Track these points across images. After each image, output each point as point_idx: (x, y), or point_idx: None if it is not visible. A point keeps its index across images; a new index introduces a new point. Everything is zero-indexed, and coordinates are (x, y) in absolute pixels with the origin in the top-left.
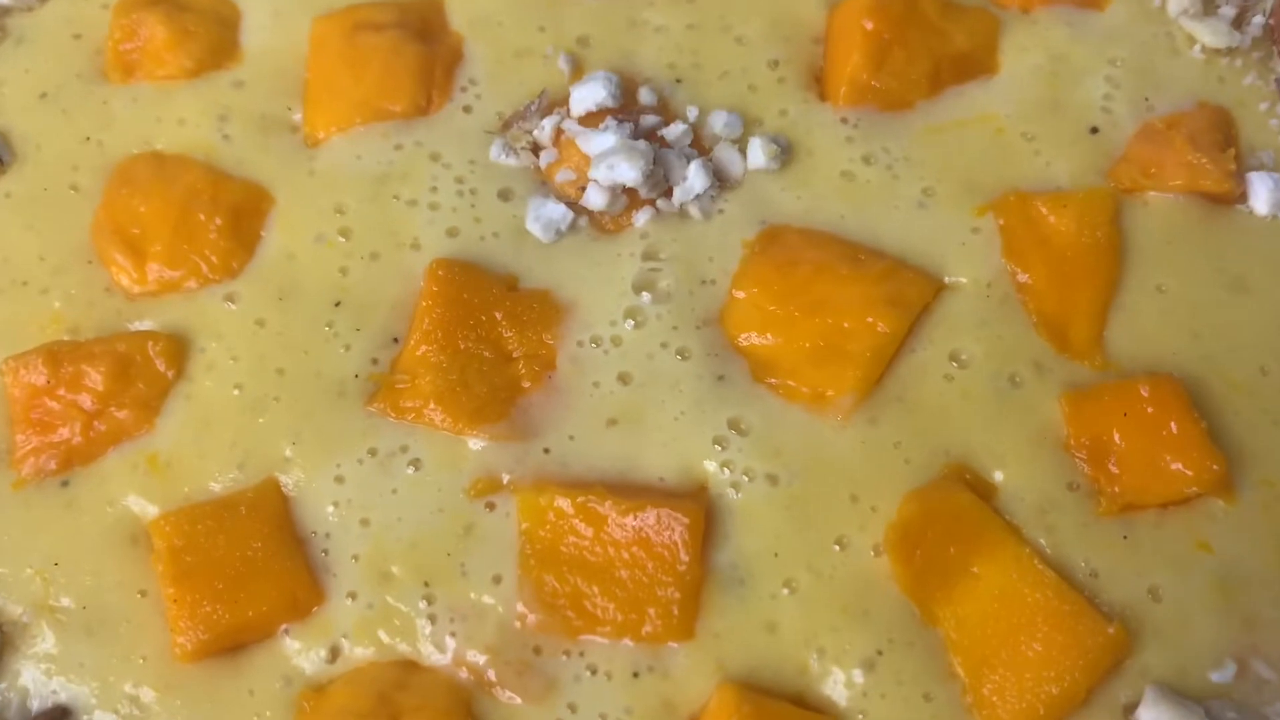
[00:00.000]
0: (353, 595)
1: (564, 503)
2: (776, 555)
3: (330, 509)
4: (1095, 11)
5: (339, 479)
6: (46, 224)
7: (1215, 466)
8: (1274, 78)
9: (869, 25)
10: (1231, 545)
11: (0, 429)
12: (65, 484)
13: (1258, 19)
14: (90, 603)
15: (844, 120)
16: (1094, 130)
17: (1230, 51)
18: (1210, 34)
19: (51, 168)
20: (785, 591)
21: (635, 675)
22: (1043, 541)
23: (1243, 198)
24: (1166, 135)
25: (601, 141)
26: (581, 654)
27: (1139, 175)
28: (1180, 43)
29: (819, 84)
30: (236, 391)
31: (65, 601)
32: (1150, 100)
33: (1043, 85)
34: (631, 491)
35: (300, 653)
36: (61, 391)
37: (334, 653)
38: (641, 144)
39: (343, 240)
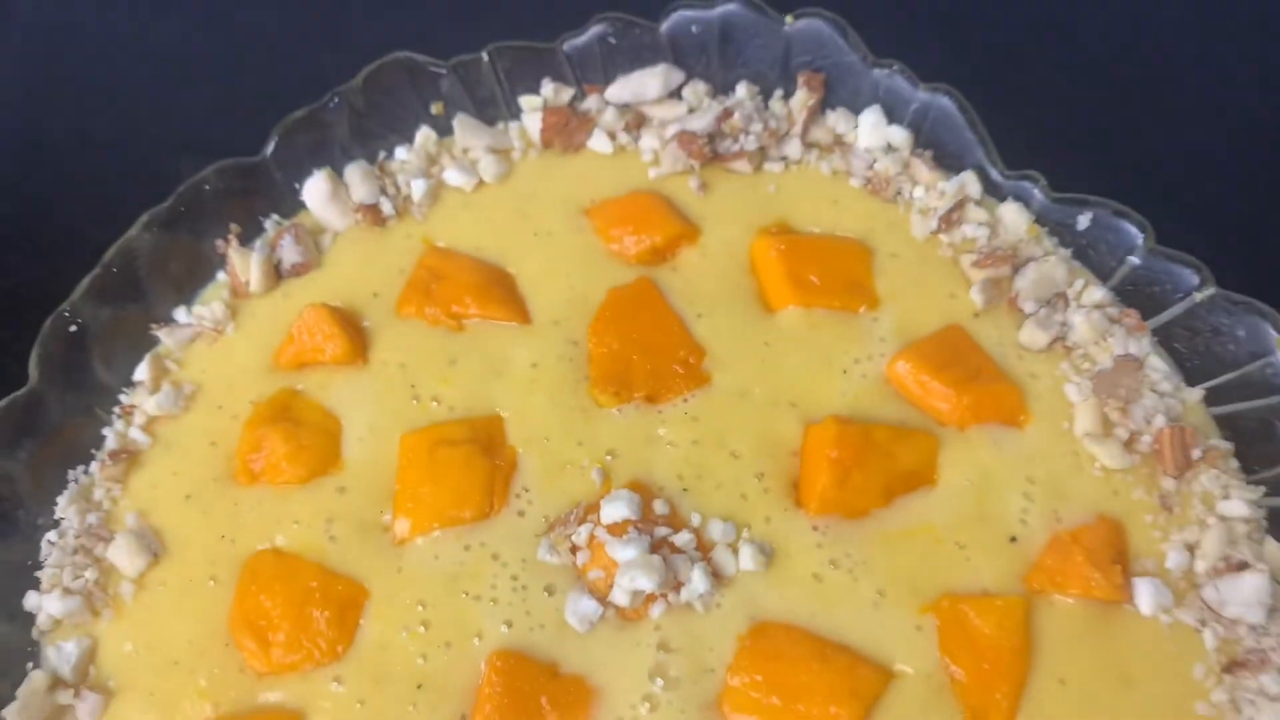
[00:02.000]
0: None
1: None
2: None
3: None
4: (1016, 430)
5: None
6: (192, 611)
7: None
8: (1158, 494)
9: (834, 454)
10: None
11: None
12: None
13: (1146, 438)
14: None
15: (815, 528)
16: (1013, 539)
17: (1123, 471)
18: (1107, 455)
19: (195, 562)
20: None
21: None
22: None
23: (1131, 599)
24: (1069, 548)
25: (625, 553)
26: None
27: (1047, 582)
28: (1084, 461)
29: (795, 490)
30: None
31: None
32: (1059, 513)
33: (972, 499)
34: None
35: None
36: None
37: None
38: (656, 559)
39: (423, 630)
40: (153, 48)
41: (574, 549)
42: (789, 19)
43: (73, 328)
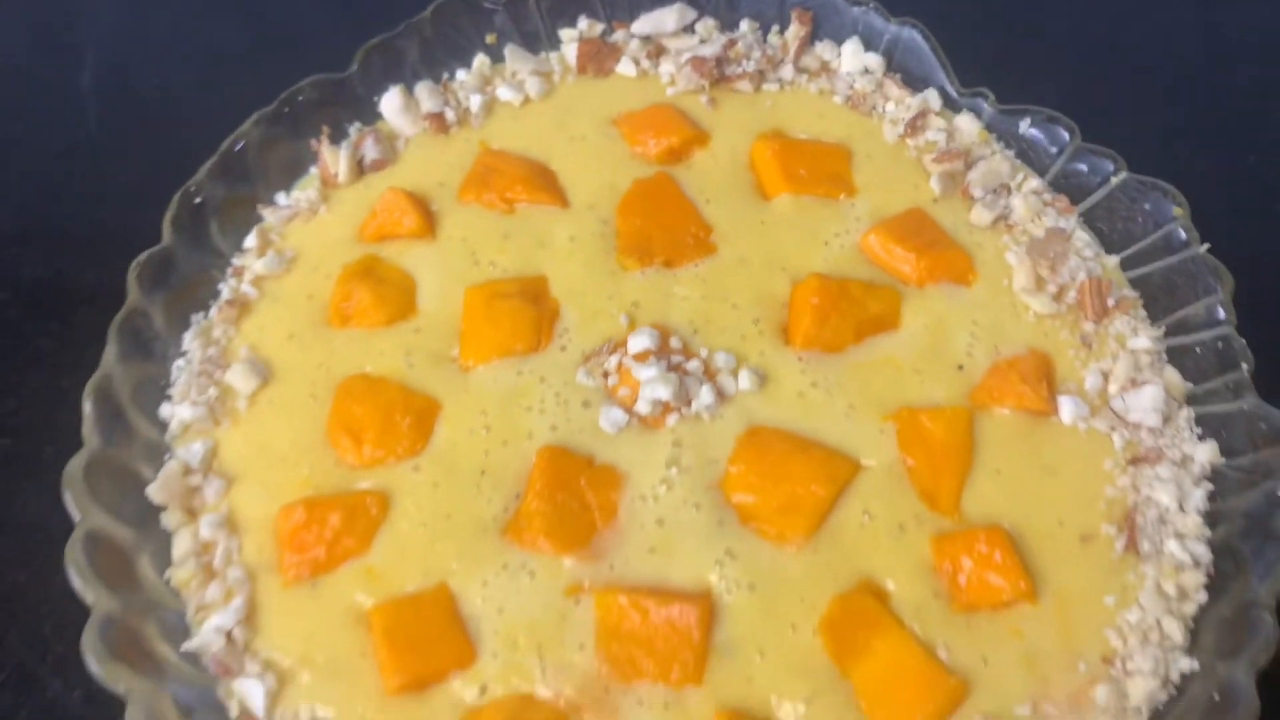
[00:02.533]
0: (494, 655)
1: (623, 599)
2: (753, 635)
3: (480, 601)
4: (965, 287)
5: (484, 583)
6: (296, 420)
7: (1022, 583)
8: (1079, 333)
9: (815, 301)
10: (1034, 631)
11: (272, 549)
12: (314, 586)
13: (1072, 294)
14: (333, 658)
15: (800, 359)
16: (960, 368)
17: (1052, 317)
18: (1039, 304)
19: (297, 384)
20: (758, 657)
21: (666, 706)
22: (916, 628)
23: (1055, 412)
24: (1007, 371)
25: (647, 373)
26: (634, 692)
27: (987, 398)
28: (1020, 310)
29: (784, 333)
30: (422, 528)
31: (319, 657)
32: (998, 348)
33: (928, 338)
34: (665, 593)
35: (463, 690)
36: (314, 527)
37: (483, 690)
38: (672, 376)
39: (485, 433)
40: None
41: (605, 374)
42: None
43: (197, 200)
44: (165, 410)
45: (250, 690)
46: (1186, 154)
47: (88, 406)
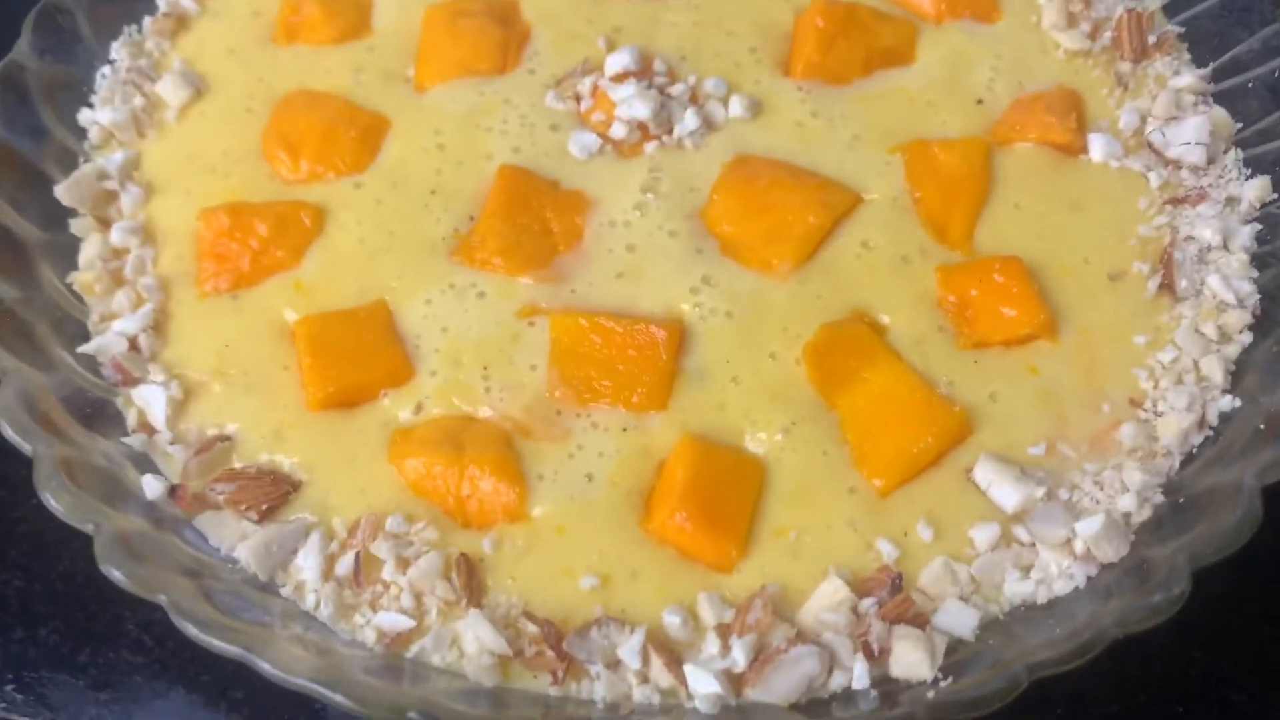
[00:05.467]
0: (434, 373)
1: (584, 321)
2: (728, 361)
3: (421, 319)
4: (988, 24)
5: (428, 301)
6: (229, 132)
7: (1042, 315)
8: (1114, 71)
9: (820, 23)
10: (1053, 369)
11: (191, 259)
12: (235, 298)
13: (1108, 34)
14: (250, 371)
15: (799, 89)
16: (979, 102)
17: (1084, 54)
18: (1070, 40)
19: (234, 97)
20: (732, 384)
21: (624, 430)
22: (916, 362)
23: (1085, 150)
24: (1031, 105)
25: (624, 91)
26: (589, 415)
27: (1009, 131)
28: (1049, 46)
29: (785, 67)
30: (360, 243)
31: (232, 370)
32: (1022, 83)
33: (945, 71)
34: (630, 316)
35: (395, 408)
36: (238, 235)
37: (419, 408)
38: (652, 92)
39: (439, 151)
40: None
41: (578, 97)
42: None
43: None
44: (85, 117)
45: (151, 398)
46: None
47: None
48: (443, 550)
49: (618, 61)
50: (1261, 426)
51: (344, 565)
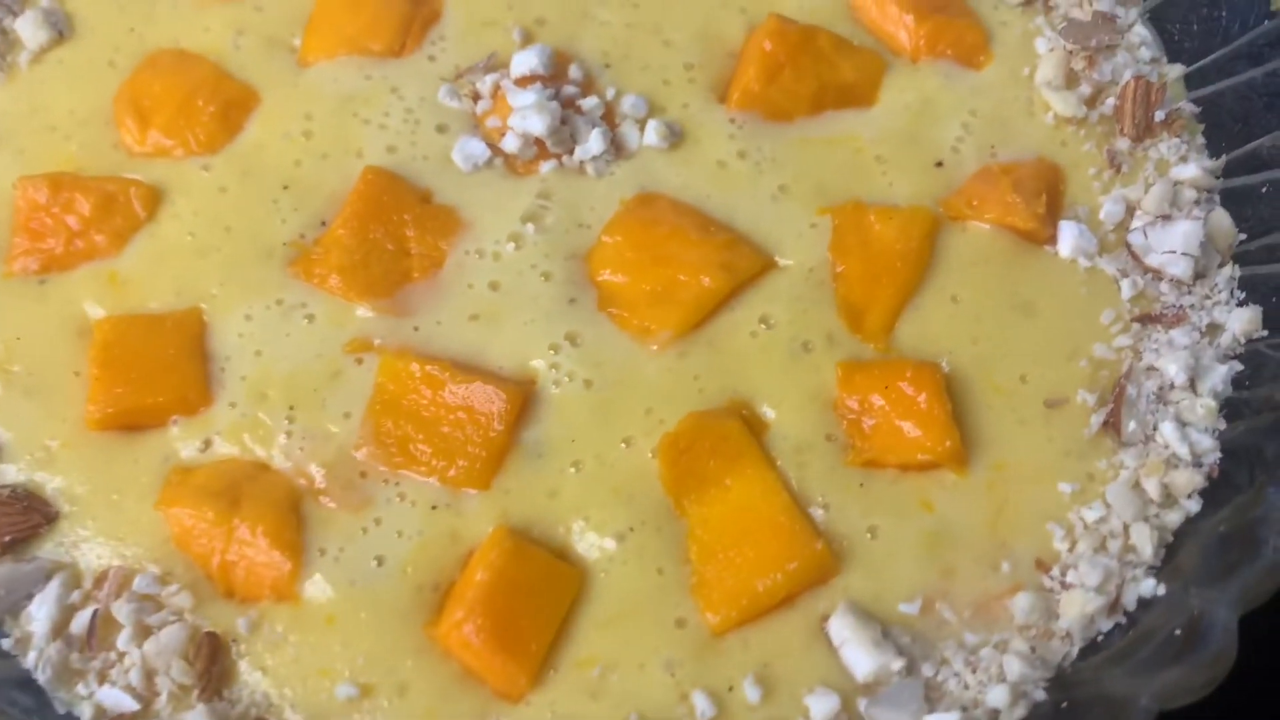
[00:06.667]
0: (233, 404)
1: (415, 367)
2: (573, 441)
3: (236, 337)
4: (972, 70)
5: (248, 317)
6: (82, 87)
7: (949, 442)
8: (1108, 147)
9: (767, 46)
10: (951, 508)
11: (2, 231)
12: (42, 282)
13: (1110, 100)
14: (36, 371)
15: (732, 120)
16: (939, 164)
17: (1078, 121)
18: (1063, 104)
19: (98, 46)
20: (572, 469)
21: (434, 508)
22: (791, 474)
23: (1053, 240)
24: (998, 177)
25: (524, 98)
26: (397, 484)
27: (964, 206)
28: (1036, 108)
29: (721, 91)
30: (190, 237)
31: (17, 367)
32: (995, 149)
33: (907, 120)
34: (473, 370)
35: (181, 440)
36: (55, 210)
37: (207, 445)
38: (554, 105)
39: (304, 140)
40: None
41: (476, 96)
42: None
43: None
44: None
45: None
46: None
47: None
48: (191, 623)
49: (524, 62)
50: (1178, 633)
51: (79, 622)
